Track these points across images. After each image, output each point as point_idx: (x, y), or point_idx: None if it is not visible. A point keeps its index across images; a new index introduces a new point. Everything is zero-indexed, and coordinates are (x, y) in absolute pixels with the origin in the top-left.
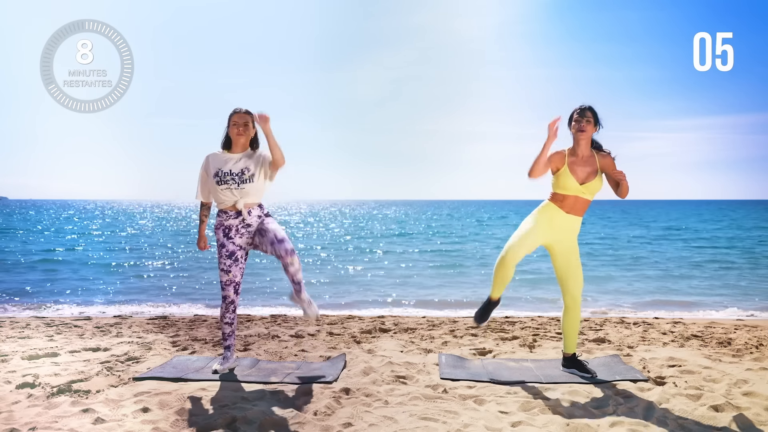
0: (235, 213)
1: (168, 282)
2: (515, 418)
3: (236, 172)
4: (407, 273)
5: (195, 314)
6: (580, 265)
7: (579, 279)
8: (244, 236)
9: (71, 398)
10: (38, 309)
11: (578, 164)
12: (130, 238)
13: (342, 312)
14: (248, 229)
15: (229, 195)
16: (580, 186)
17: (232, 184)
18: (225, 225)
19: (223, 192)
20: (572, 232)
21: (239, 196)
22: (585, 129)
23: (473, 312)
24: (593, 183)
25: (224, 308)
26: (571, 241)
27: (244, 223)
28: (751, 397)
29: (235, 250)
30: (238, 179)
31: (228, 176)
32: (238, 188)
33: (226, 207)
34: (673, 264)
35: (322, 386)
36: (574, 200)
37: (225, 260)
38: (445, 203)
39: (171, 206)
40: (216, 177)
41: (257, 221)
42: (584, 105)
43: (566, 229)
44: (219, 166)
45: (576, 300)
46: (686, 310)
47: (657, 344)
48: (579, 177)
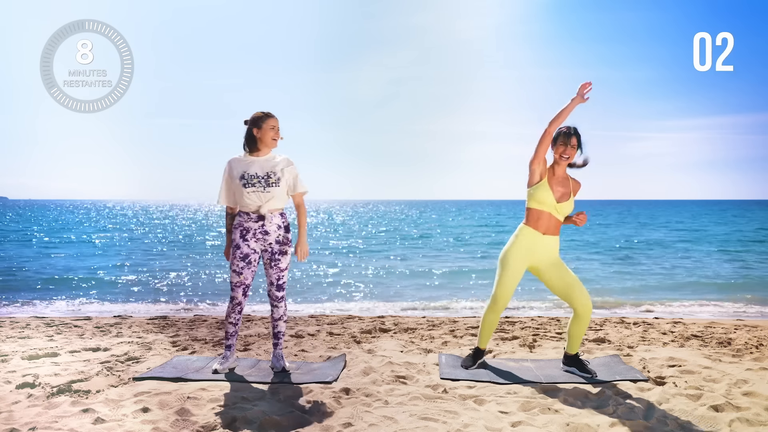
0: (256, 217)
1: (168, 282)
2: (515, 418)
3: (262, 175)
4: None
5: (195, 314)
6: (573, 274)
7: (581, 287)
8: (260, 242)
9: (71, 398)
10: (39, 309)
11: (555, 182)
12: (130, 238)
13: (342, 312)
14: (265, 237)
15: (255, 198)
16: (555, 203)
17: (258, 187)
18: (244, 227)
19: (249, 195)
20: (554, 251)
21: (264, 200)
22: (569, 155)
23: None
24: (566, 204)
25: (230, 308)
26: (555, 258)
27: (263, 228)
28: (751, 397)
29: (249, 252)
30: (264, 182)
31: (254, 179)
32: (264, 191)
33: (249, 210)
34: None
35: (322, 386)
36: (548, 218)
37: (238, 262)
38: (446, 203)
39: (171, 206)
40: (242, 180)
41: (276, 231)
42: (571, 128)
43: (547, 250)
44: (244, 169)
45: (587, 307)
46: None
47: (657, 344)
48: (555, 194)
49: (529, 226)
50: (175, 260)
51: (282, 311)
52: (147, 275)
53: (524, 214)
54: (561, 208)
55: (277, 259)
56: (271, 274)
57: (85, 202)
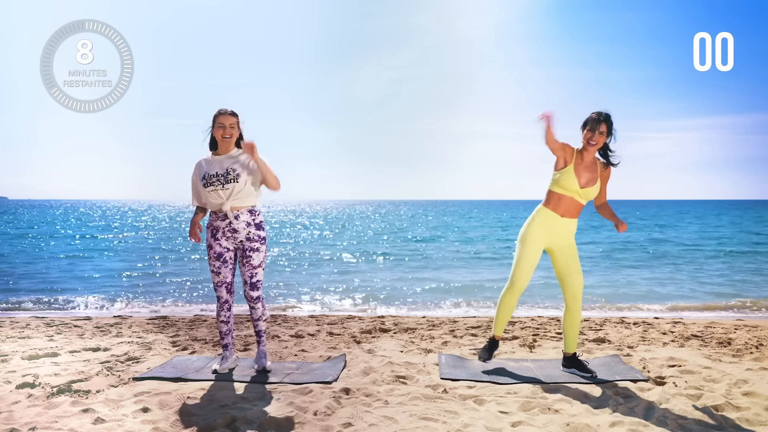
0: (223, 215)
1: (168, 282)
2: (515, 418)
3: (221, 173)
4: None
5: (195, 314)
6: (579, 263)
7: (579, 277)
8: (230, 240)
9: (71, 398)
10: (39, 309)
11: (582, 167)
12: (130, 238)
13: (342, 312)
14: (235, 235)
15: (215, 197)
16: (579, 189)
17: (217, 185)
18: (213, 225)
19: (210, 194)
20: (570, 234)
21: (225, 197)
22: (597, 142)
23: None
24: (591, 189)
25: (219, 308)
26: (569, 241)
27: (231, 227)
28: (751, 397)
29: (222, 251)
30: (223, 179)
31: (213, 178)
32: (224, 189)
33: (213, 209)
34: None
35: (322, 386)
36: (569, 202)
37: (214, 262)
38: (446, 203)
39: (171, 206)
40: (203, 180)
41: (245, 228)
42: (601, 115)
43: (564, 232)
44: (206, 170)
45: (577, 299)
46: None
47: (657, 344)
48: (581, 180)
49: (547, 208)
50: (175, 260)
51: (260, 312)
52: (147, 275)
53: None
54: (585, 193)
55: (249, 256)
56: (244, 272)
57: (86, 202)
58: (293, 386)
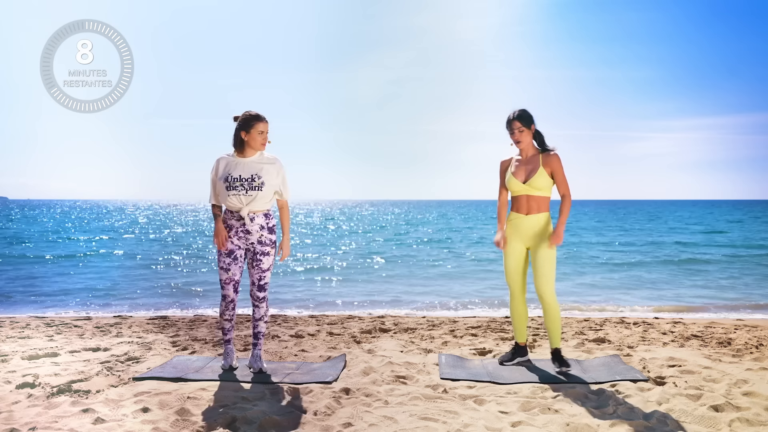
0: (238, 215)
1: (168, 282)
2: (515, 418)
3: (246, 178)
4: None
5: (195, 314)
6: (550, 262)
7: (547, 277)
8: (242, 240)
9: (71, 398)
10: (39, 309)
11: (522, 165)
12: (130, 238)
13: (342, 312)
14: (247, 236)
15: (236, 201)
16: (523, 185)
17: (240, 190)
18: (228, 224)
19: (231, 198)
20: (541, 228)
21: (245, 202)
22: (519, 139)
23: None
24: (535, 179)
25: (224, 306)
26: (542, 240)
27: (245, 228)
28: (751, 397)
29: (234, 249)
30: (247, 185)
31: (237, 182)
32: (246, 194)
33: (231, 209)
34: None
35: (322, 386)
36: (525, 200)
37: (224, 258)
38: (446, 203)
39: (171, 206)
40: (226, 182)
41: (258, 231)
42: (511, 115)
43: (533, 228)
44: (229, 171)
45: (543, 299)
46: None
47: (657, 344)
48: (521, 177)
49: (512, 211)
50: (176, 260)
51: (263, 311)
52: (147, 275)
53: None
54: (532, 183)
55: (259, 259)
56: (252, 273)
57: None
58: (293, 386)
